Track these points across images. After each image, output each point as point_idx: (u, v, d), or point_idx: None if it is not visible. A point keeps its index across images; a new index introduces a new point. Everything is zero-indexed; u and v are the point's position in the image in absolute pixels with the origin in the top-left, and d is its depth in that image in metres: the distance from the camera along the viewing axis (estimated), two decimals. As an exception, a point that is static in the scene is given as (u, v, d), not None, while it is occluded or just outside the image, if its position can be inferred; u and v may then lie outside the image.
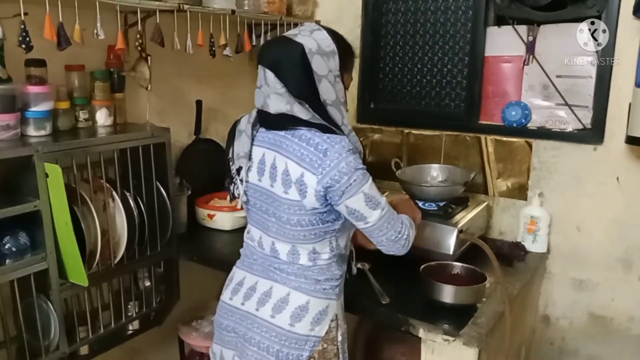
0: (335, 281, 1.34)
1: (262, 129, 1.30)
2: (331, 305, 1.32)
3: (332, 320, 1.32)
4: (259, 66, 1.24)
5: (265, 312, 1.31)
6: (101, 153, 1.64)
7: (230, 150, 1.37)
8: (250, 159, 1.31)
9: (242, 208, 1.40)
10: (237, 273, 1.43)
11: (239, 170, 1.33)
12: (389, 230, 1.26)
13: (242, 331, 1.35)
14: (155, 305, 1.92)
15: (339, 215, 1.27)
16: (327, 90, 1.22)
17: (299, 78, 1.19)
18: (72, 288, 1.58)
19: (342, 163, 1.17)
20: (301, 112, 1.21)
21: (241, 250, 1.47)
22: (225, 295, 1.42)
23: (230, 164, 1.37)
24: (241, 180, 1.33)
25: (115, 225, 1.67)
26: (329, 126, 1.23)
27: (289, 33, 1.27)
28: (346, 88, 1.32)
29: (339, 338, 1.34)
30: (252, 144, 1.30)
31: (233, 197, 1.38)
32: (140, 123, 1.95)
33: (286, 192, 1.23)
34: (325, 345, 1.31)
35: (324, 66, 1.21)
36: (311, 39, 1.21)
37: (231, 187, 1.37)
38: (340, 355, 1.36)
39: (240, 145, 1.32)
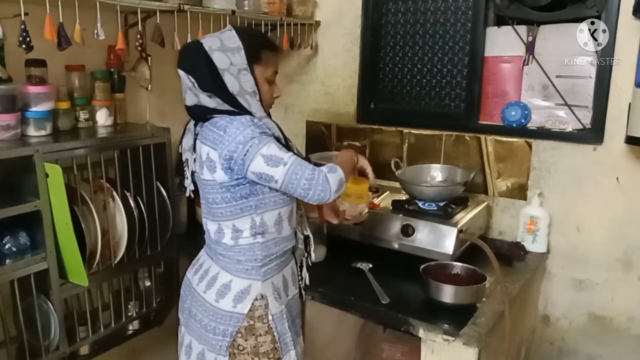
0: (257, 262, 1.39)
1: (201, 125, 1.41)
2: (254, 285, 1.38)
3: (256, 299, 1.38)
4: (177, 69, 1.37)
5: (201, 288, 1.42)
6: (101, 153, 1.65)
7: (180, 146, 1.50)
8: (194, 151, 1.42)
9: (190, 196, 1.52)
10: (201, 251, 1.54)
11: (186, 162, 1.46)
12: (300, 180, 1.28)
13: (188, 303, 1.47)
14: (155, 305, 1.92)
15: (252, 191, 1.33)
16: (231, 82, 1.32)
17: (204, 73, 1.31)
18: (72, 288, 1.58)
19: (239, 136, 1.27)
20: (207, 101, 1.33)
21: None
22: (188, 269, 1.54)
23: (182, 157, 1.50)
24: (189, 171, 1.46)
25: (115, 225, 1.67)
26: (236, 111, 1.33)
27: (202, 37, 1.40)
28: (268, 80, 1.39)
29: (270, 317, 1.39)
30: (195, 139, 1.41)
31: (184, 188, 1.51)
32: (140, 123, 1.95)
33: (201, 172, 1.36)
34: (251, 322, 1.37)
35: (226, 61, 1.31)
36: (216, 39, 1.34)
37: (185, 179, 1.51)
38: (276, 334, 1.40)
39: (186, 141, 1.46)
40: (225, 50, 1.32)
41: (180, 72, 1.35)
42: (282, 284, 1.45)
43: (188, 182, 1.49)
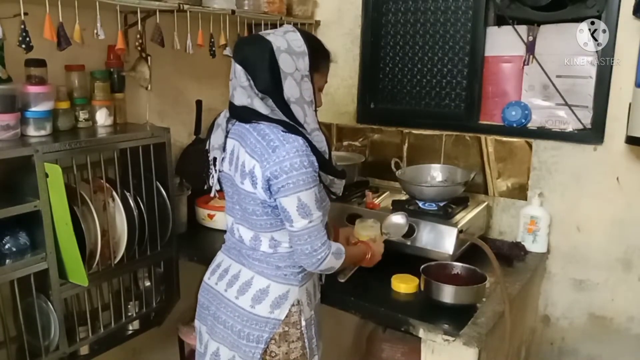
0: (296, 268, 1.38)
1: (236, 123, 1.37)
2: (292, 291, 1.37)
3: (293, 305, 1.37)
4: (232, 60, 1.32)
5: (232, 294, 1.39)
6: (101, 153, 1.65)
7: (208, 142, 1.45)
8: (224, 150, 1.39)
9: (214, 196, 1.48)
10: (218, 255, 1.52)
11: (214, 161, 1.41)
12: (306, 244, 1.29)
13: (213, 310, 1.44)
14: (155, 305, 1.92)
15: None
16: (292, 88, 1.27)
17: (265, 74, 1.25)
18: (72, 288, 1.58)
19: (286, 162, 1.22)
20: (261, 106, 1.28)
21: (225, 235, 1.53)
22: (206, 275, 1.51)
23: (208, 155, 1.45)
24: (216, 171, 1.41)
25: (115, 225, 1.67)
26: (289, 123, 1.28)
27: (263, 32, 1.34)
28: (319, 89, 1.38)
29: (303, 323, 1.38)
30: (226, 137, 1.38)
31: (209, 187, 1.46)
32: (140, 123, 1.95)
33: (242, 182, 1.32)
34: (286, 329, 1.36)
35: (292, 64, 1.26)
36: (282, 39, 1.28)
37: (209, 178, 1.46)
38: (306, 340, 1.39)
39: (216, 138, 1.41)
40: (292, 53, 1.26)
41: (237, 66, 1.29)
42: (312, 289, 1.46)
43: (214, 182, 1.43)
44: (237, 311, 1.37)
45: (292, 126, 1.28)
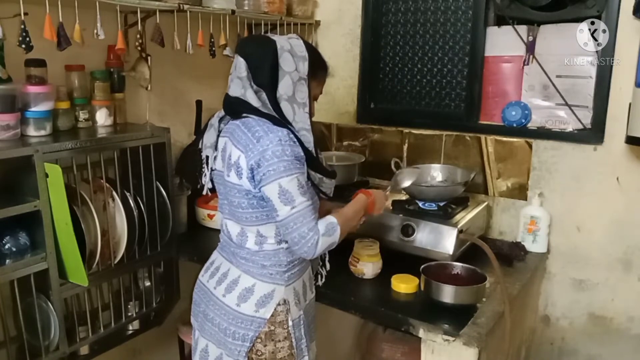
0: (282, 267, 1.39)
1: (228, 122, 1.39)
2: (278, 290, 1.38)
3: (279, 304, 1.37)
4: (235, 55, 1.36)
5: (220, 291, 1.41)
6: (101, 153, 1.65)
7: (200, 142, 1.47)
8: (216, 148, 1.41)
9: (207, 194, 1.50)
10: (213, 254, 1.53)
11: (206, 159, 1.44)
12: (294, 232, 1.28)
13: (203, 307, 1.46)
14: (155, 305, 1.92)
15: None
16: (286, 86, 1.31)
17: (265, 69, 1.30)
18: (72, 288, 1.58)
19: (268, 151, 1.24)
20: (253, 99, 1.31)
21: (220, 234, 1.54)
22: (201, 272, 1.53)
23: (201, 154, 1.47)
24: (208, 169, 1.44)
25: (115, 225, 1.67)
26: (277, 118, 1.30)
27: (268, 34, 1.40)
28: (314, 98, 1.42)
29: (290, 323, 1.39)
30: (218, 136, 1.40)
31: (201, 186, 1.48)
32: (140, 123, 1.95)
33: (228, 174, 1.34)
34: (272, 328, 1.36)
35: (292, 64, 1.32)
36: (285, 41, 1.34)
37: (202, 177, 1.48)
38: (293, 340, 1.39)
39: (208, 137, 1.43)
40: (294, 55, 1.32)
41: (239, 59, 1.33)
42: (301, 289, 1.46)
43: (206, 180, 1.46)
44: (224, 309, 1.38)
45: (280, 121, 1.30)
